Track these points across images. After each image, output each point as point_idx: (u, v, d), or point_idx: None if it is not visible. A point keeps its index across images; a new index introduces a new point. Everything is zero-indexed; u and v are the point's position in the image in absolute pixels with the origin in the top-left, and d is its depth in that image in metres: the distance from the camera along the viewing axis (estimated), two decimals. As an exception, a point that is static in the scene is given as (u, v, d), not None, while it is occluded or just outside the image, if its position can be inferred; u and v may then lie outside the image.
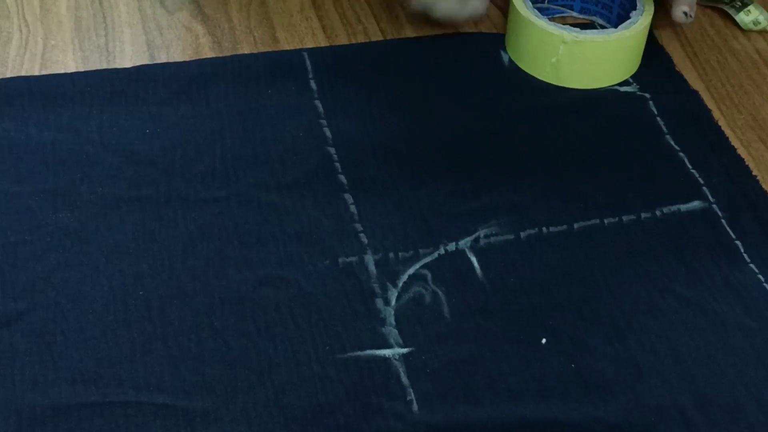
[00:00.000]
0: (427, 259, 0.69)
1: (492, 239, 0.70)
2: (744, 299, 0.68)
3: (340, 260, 0.68)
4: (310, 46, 0.82)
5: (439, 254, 0.69)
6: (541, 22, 0.79)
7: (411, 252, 0.69)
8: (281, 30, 0.84)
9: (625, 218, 0.72)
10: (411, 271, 0.68)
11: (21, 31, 0.81)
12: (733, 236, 0.72)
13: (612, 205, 0.73)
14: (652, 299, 0.68)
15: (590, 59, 0.80)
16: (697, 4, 0.89)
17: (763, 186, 0.75)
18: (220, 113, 0.76)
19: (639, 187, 0.74)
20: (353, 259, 0.68)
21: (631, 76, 0.83)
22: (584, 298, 0.67)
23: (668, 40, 0.87)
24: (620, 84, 0.82)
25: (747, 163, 0.76)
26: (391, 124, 0.77)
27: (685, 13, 0.76)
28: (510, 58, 0.83)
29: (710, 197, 0.74)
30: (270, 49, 0.81)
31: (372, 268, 0.67)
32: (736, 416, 0.62)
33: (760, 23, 0.87)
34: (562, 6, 0.87)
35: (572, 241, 0.71)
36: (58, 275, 0.65)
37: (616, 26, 0.81)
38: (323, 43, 0.83)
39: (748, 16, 0.87)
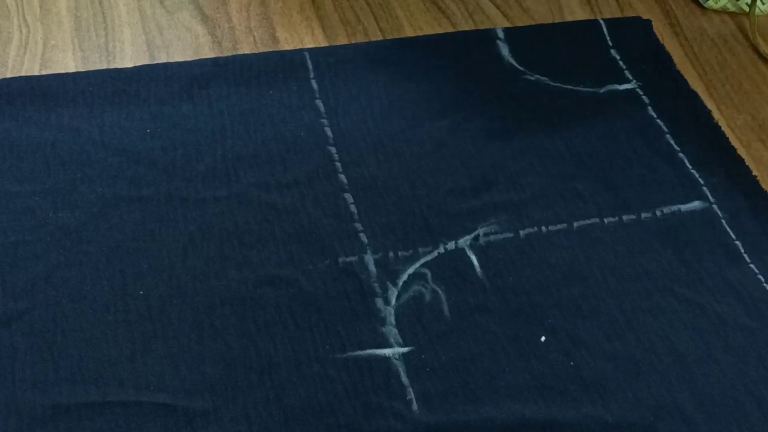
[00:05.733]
0: (427, 258, 0.69)
1: (492, 238, 0.70)
2: (744, 299, 0.68)
3: (340, 260, 0.68)
4: (310, 46, 0.82)
5: (438, 253, 0.69)
6: None
7: (411, 251, 0.69)
8: (281, 30, 0.84)
9: (625, 217, 0.72)
10: (411, 270, 0.68)
11: (21, 31, 0.81)
12: (733, 236, 0.72)
13: (612, 204, 0.73)
14: (651, 298, 0.68)
15: None
16: None
17: (763, 186, 0.75)
18: (221, 113, 0.76)
19: (639, 187, 0.74)
20: (353, 258, 0.68)
21: (632, 76, 0.83)
22: (584, 297, 0.67)
23: (668, 40, 0.87)
24: (620, 82, 0.82)
25: (747, 164, 0.77)
26: (392, 123, 0.77)
27: None
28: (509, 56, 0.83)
29: (710, 197, 0.74)
30: (270, 49, 0.81)
31: (372, 267, 0.68)
32: (736, 415, 0.62)
33: (719, 0, 0.88)
34: None
35: (572, 240, 0.71)
36: (59, 275, 0.65)
37: None
38: (323, 43, 0.83)
39: None
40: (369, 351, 0.63)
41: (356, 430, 0.60)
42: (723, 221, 0.73)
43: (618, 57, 0.84)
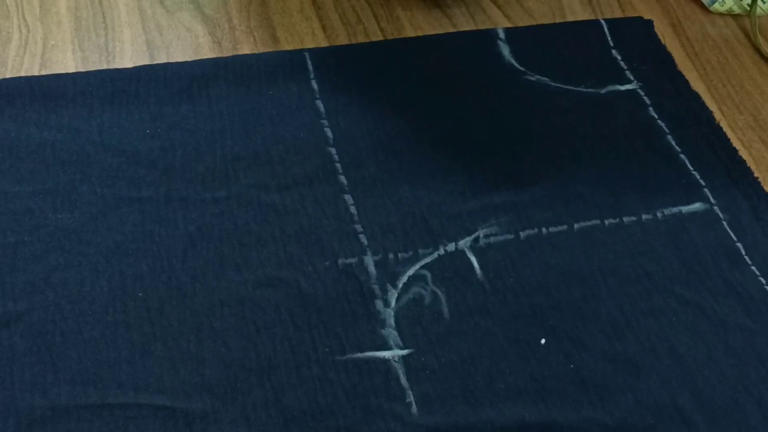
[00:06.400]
0: (427, 260, 0.68)
1: (492, 239, 0.70)
2: (745, 301, 0.68)
3: (340, 261, 0.68)
4: (310, 46, 0.82)
5: (438, 254, 0.69)
6: None
7: (411, 252, 0.69)
8: (281, 30, 0.83)
9: (625, 219, 0.72)
10: (411, 271, 0.68)
11: (21, 31, 0.81)
12: (734, 238, 0.72)
13: (612, 205, 0.73)
14: (652, 300, 0.68)
15: None
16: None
17: (765, 187, 0.75)
18: (221, 113, 0.76)
19: (640, 188, 0.74)
20: (353, 260, 0.68)
21: (633, 76, 0.82)
22: (584, 298, 0.67)
23: (669, 40, 0.87)
24: (621, 83, 0.82)
25: (748, 165, 0.76)
26: (392, 124, 0.77)
27: None
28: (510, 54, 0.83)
29: (711, 199, 0.74)
30: (270, 49, 0.81)
31: (372, 269, 0.67)
32: (736, 417, 0.62)
33: (725, 3, 0.87)
34: None
35: (572, 241, 0.70)
36: (58, 276, 0.65)
37: None
38: (323, 43, 0.83)
39: None
40: (368, 353, 0.63)
41: (356, 432, 0.60)
42: (724, 223, 0.73)
43: (619, 57, 0.84)
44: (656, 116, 0.79)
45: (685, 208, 0.73)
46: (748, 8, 0.89)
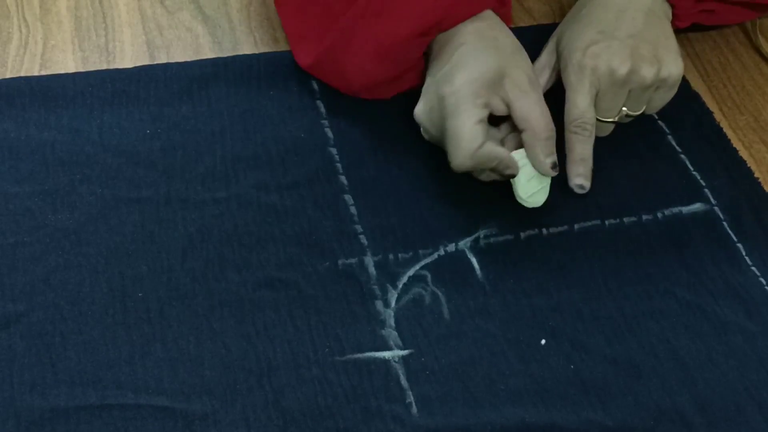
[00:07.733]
0: (427, 260, 0.68)
1: (492, 240, 0.70)
2: (745, 302, 0.68)
3: (340, 262, 0.67)
4: (310, 46, 0.82)
5: (438, 255, 0.69)
6: None
7: (411, 253, 0.69)
8: (281, 30, 0.83)
9: (626, 220, 0.72)
10: (411, 272, 0.68)
11: (21, 31, 0.81)
12: (735, 239, 0.71)
13: (613, 206, 0.73)
14: (652, 301, 0.67)
15: None
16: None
17: (765, 188, 0.75)
18: (221, 114, 0.76)
19: (640, 189, 0.74)
20: (353, 260, 0.68)
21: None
22: (584, 300, 0.67)
23: (670, 40, 0.87)
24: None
25: (749, 165, 0.76)
26: (393, 124, 0.77)
27: (581, 186, 0.72)
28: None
29: (712, 199, 0.74)
30: (270, 50, 0.81)
31: (372, 269, 0.67)
32: (737, 419, 0.62)
33: None
34: None
35: (573, 242, 0.70)
36: (57, 277, 0.65)
37: None
38: (324, 44, 0.82)
39: None
40: (368, 354, 0.63)
41: (355, 433, 0.60)
42: (724, 223, 0.73)
43: (620, 58, 0.84)
44: (657, 116, 0.79)
45: (685, 209, 0.73)
46: None
